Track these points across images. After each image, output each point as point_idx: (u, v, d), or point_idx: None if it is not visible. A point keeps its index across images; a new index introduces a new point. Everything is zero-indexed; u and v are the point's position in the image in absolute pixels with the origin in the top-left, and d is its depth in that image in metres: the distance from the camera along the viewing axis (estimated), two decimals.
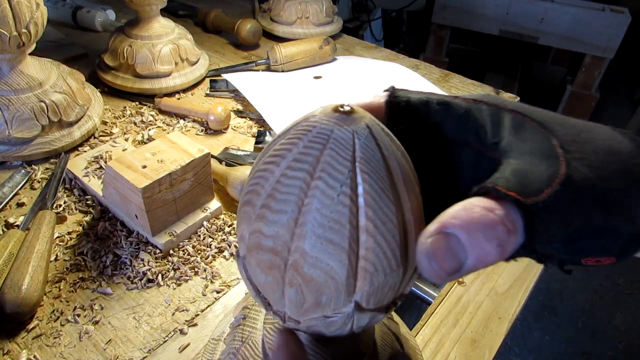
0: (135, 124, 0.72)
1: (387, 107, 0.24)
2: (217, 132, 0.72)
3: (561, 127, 0.21)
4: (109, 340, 0.44)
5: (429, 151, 0.25)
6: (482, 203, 0.19)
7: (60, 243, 0.52)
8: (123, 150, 0.63)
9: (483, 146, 0.23)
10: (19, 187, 0.58)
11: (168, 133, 0.67)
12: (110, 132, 0.69)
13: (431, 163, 0.25)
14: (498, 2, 2.07)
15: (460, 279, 0.56)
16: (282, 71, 0.86)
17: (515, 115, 0.22)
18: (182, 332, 0.45)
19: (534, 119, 0.22)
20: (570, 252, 0.21)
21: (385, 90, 0.25)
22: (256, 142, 0.69)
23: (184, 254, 0.52)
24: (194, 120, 0.73)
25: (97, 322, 0.45)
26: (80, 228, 0.54)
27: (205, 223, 0.55)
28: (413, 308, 1.02)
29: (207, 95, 0.81)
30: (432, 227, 0.19)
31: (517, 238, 0.19)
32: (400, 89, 0.26)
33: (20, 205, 0.56)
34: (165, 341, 0.44)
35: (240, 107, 0.78)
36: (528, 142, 0.21)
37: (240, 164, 0.61)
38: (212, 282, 0.50)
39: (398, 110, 0.25)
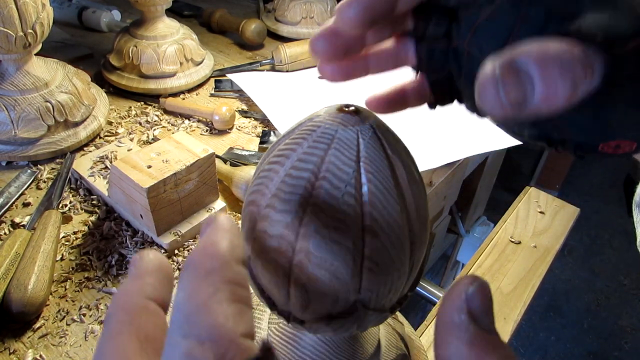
0: (140, 124, 0.72)
1: None
2: (222, 132, 0.72)
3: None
4: None
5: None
6: (559, 42, 0.18)
7: (66, 243, 0.52)
8: (128, 150, 0.63)
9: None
10: (25, 187, 0.59)
11: (173, 133, 0.68)
12: (116, 132, 0.70)
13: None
14: None
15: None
16: (287, 71, 0.86)
17: None
18: None
19: None
20: (610, 126, 0.20)
21: None
22: (261, 142, 0.69)
23: (189, 254, 0.52)
24: (198, 120, 0.74)
25: (102, 322, 0.45)
26: (86, 228, 0.54)
27: None
28: (418, 308, 1.02)
29: (211, 95, 0.81)
30: (500, 58, 0.18)
31: (591, 82, 0.18)
32: None
33: (26, 205, 0.57)
34: None
35: (244, 107, 0.78)
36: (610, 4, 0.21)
37: (245, 164, 0.61)
38: None
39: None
